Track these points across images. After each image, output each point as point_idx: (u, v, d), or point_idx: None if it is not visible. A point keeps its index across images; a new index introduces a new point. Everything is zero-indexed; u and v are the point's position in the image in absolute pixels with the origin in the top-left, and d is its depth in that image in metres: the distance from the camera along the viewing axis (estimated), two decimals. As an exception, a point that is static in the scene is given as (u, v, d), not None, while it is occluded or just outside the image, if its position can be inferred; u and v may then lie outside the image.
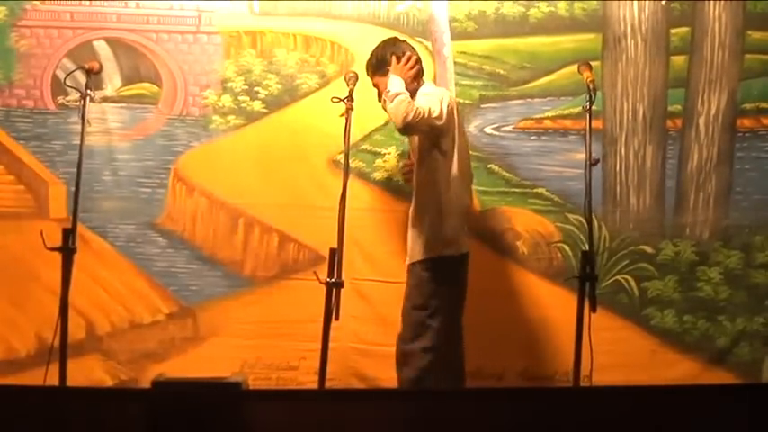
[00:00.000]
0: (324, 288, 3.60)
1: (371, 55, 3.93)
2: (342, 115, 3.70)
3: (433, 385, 3.70)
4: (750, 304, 4.46)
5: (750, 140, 4.51)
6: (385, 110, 3.84)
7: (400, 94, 3.71)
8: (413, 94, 3.82)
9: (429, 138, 3.80)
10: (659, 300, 4.46)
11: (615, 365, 4.26)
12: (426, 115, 3.69)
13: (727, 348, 4.44)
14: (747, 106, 4.52)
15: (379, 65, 3.88)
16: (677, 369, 4.40)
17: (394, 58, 3.86)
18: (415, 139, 3.89)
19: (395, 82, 3.78)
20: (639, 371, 4.35)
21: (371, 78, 3.93)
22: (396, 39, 4.05)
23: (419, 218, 3.85)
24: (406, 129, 3.72)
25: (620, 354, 4.32)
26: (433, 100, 3.76)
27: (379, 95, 3.88)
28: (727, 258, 4.48)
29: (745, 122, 4.52)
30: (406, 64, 3.85)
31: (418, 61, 3.93)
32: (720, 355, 4.44)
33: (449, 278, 3.83)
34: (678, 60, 4.51)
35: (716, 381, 4.33)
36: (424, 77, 4.00)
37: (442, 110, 3.75)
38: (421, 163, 3.85)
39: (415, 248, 3.85)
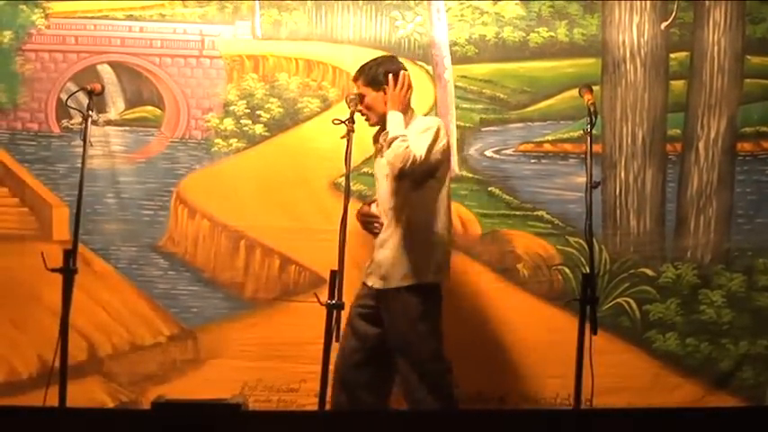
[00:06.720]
0: (324, 310, 3.60)
1: (367, 68, 3.89)
2: (343, 137, 3.70)
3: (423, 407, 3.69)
4: (753, 327, 4.44)
5: (751, 164, 4.52)
6: (367, 121, 3.88)
7: (399, 137, 3.71)
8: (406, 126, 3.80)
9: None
10: (661, 323, 4.45)
11: (617, 389, 4.25)
12: (422, 160, 3.70)
13: (731, 372, 4.42)
14: (747, 130, 4.52)
15: (372, 81, 3.86)
16: (680, 393, 4.38)
17: (390, 77, 3.84)
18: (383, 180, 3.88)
19: (396, 122, 3.76)
20: (641, 394, 4.33)
21: (359, 87, 3.89)
22: (393, 57, 4.04)
23: (408, 242, 3.81)
24: (402, 175, 3.73)
25: (621, 377, 4.31)
26: (427, 140, 3.73)
27: (361, 101, 3.85)
28: (730, 281, 4.47)
29: (746, 146, 4.53)
30: (402, 88, 3.84)
31: (410, 82, 3.89)
32: (723, 379, 4.41)
33: (433, 305, 3.82)
34: (677, 85, 4.53)
35: (719, 404, 4.30)
36: (417, 111, 3.96)
37: (435, 149, 3.75)
38: (415, 188, 3.83)
39: (397, 273, 3.81)
